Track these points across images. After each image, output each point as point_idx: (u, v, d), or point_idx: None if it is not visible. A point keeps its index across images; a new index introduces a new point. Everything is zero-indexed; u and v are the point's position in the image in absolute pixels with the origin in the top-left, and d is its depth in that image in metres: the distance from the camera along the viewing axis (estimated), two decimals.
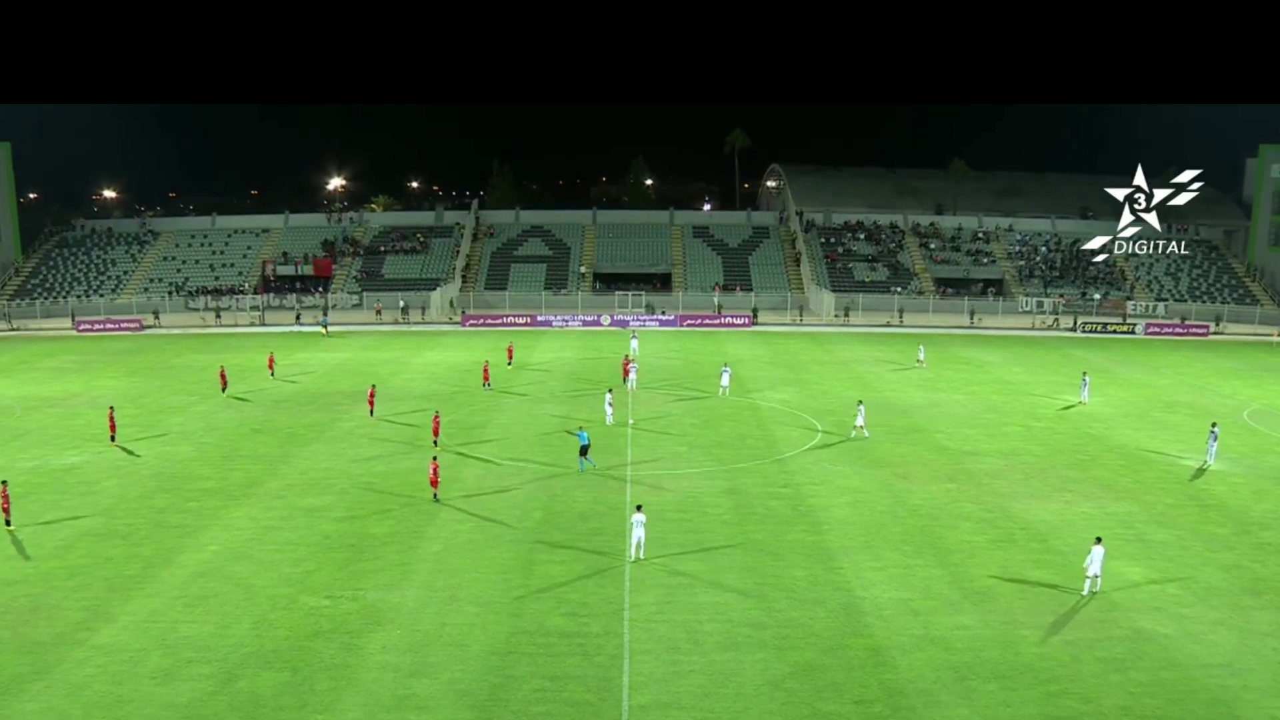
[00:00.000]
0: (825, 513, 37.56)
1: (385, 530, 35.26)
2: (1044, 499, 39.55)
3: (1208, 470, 44.40)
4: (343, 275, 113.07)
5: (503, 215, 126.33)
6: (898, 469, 43.81)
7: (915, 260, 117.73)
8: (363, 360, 73.48)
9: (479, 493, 39.59)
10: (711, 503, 38.61)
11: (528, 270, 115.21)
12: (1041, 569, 31.94)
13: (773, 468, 43.83)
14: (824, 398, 59.70)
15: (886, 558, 32.87)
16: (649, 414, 54.27)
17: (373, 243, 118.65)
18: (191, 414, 54.53)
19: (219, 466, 43.82)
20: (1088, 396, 59.28)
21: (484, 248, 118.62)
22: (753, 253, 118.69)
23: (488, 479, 41.59)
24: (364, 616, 28.23)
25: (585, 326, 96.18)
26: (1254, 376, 71.40)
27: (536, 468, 43.38)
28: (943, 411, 56.05)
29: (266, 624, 27.79)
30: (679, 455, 45.81)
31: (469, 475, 42.28)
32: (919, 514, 37.56)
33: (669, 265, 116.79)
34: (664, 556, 32.66)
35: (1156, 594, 30.28)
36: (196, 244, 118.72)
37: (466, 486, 40.63)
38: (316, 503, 38.48)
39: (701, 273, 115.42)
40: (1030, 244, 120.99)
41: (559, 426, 51.21)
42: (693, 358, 76.02)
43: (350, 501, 38.64)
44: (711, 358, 75.66)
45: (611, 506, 37.90)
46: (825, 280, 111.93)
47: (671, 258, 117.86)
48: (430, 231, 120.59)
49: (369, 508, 37.83)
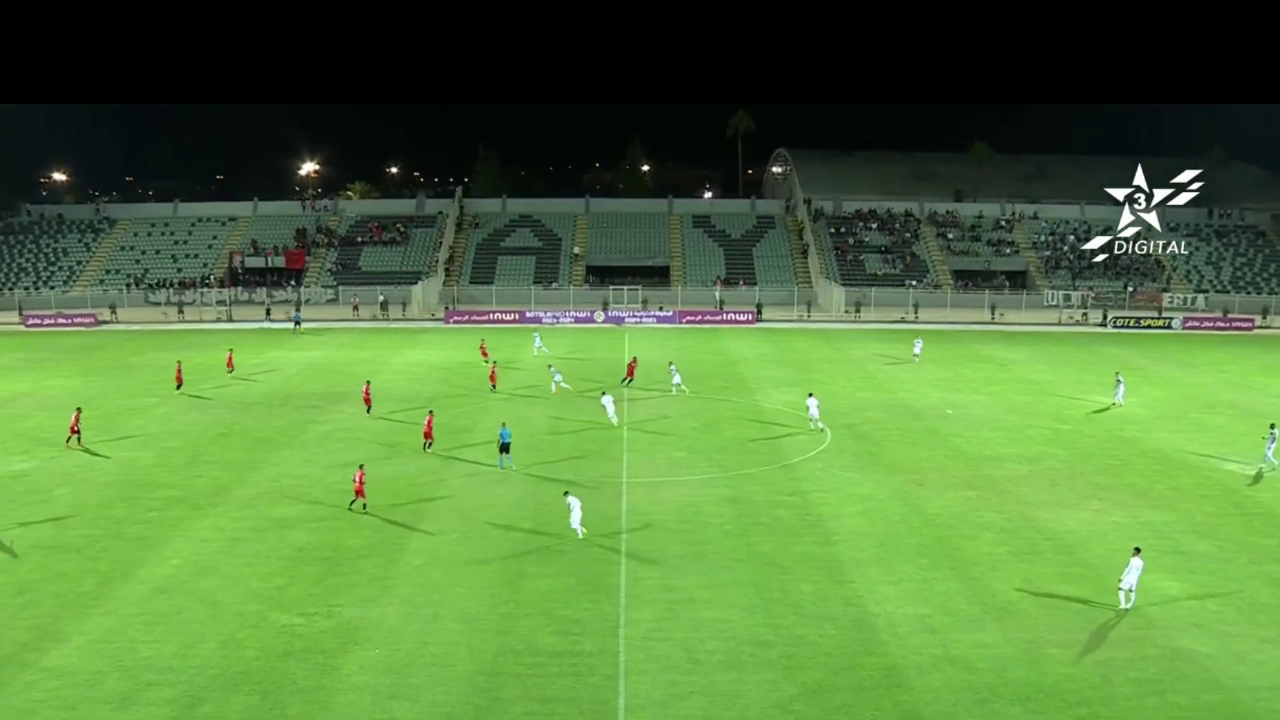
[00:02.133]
0: (835, 522, 37.51)
1: (363, 542, 35.17)
2: (1072, 507, 39.51)
3: (1265, 475, 44.40)
4: (317, 268, 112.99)
5: (489, 204, 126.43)
6: (912, 475, 43.78)
7: (932, 251, 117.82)
8: (339, 359, 73.40)
9: (465, 500, 39.51)
10: (713, 512, 38.56)
11: (516, 263, 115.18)
12: (1069, 583, 31.90)
13: (779, 474, 43.79)
14: (833, 399, 59.64)
15: (901, 571, 32.82)
16: (645, 417, 54.21)
17: (349, 233, 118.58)
18: (152, 416, 54.40)
19: (182, 473, 43.69)
20: (1123, 399, 59.01)
21: (469, 238, 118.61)
22: (757, 244, 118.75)
23: (474, 486, 41.52)
24: (340, 635, 28.13)
25: (577, 323, 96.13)
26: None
27: (525, 475, 43.30)
28: (960, 413, 56.03)
29: (234, 643, 27.68)
30: (678, 461, 45.76)
31: (454, 481, 42.20)
32: (936, 524, 37.52)
33: (667, 257, 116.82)
34: (663, 570, 32.61)
35: (1196, 610, 30.22)
36: (157, 233, 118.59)
37: (452, 493, 40.56)
38: (289, 513, 38.37)
39: (702, 265, 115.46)
40: (1058, 232, 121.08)
41: (550, 429, 51.14)
42: (693, 356, 75.91)
43: (325, 511, 38.53)
44: (713, 356, 75.64)
45: (605, 515, 37.82)
46: (835, 273, 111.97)
47: (670, 249, 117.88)
48: (411, 221, 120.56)
49: (345, 518, 37.73)
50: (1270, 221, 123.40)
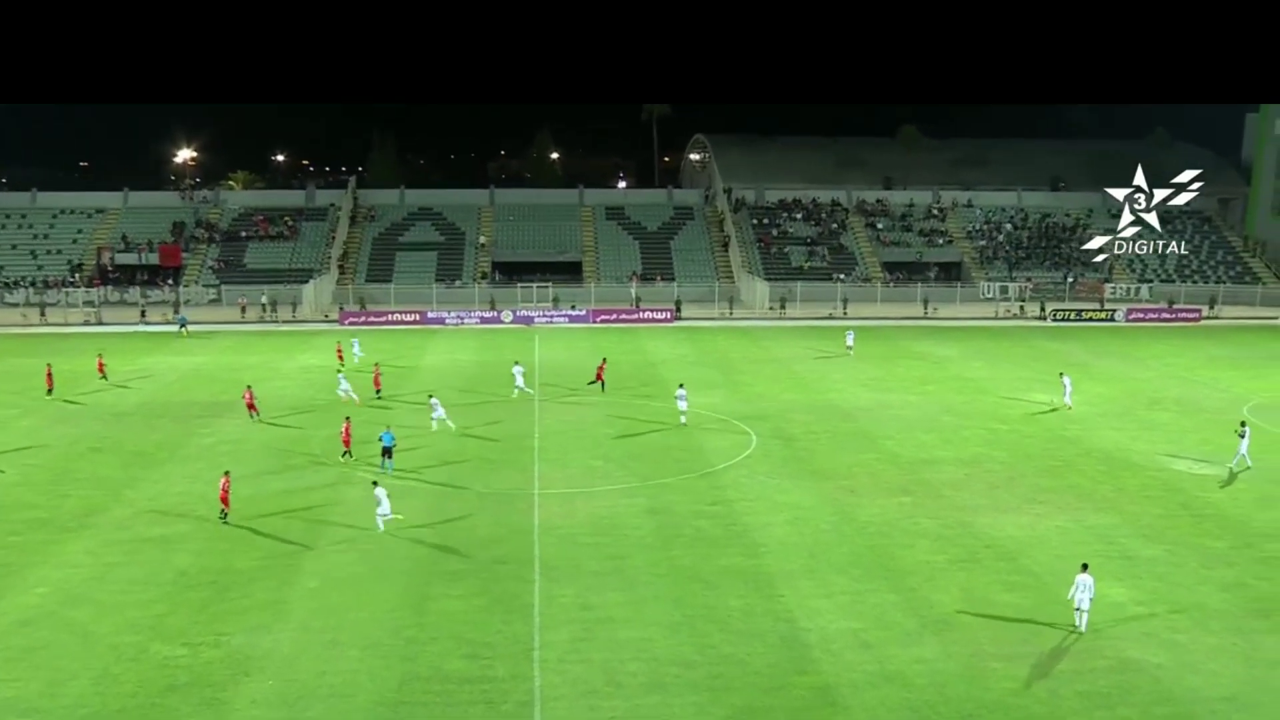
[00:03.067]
0: (762, 533, 37.82)
1: (253, 564, 34.69)
2: (1012, 512, 40.28)
3: (1237, 476, 45.47)
4: (196, 265, 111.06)
5: (385, 195, 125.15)
6: (843, 481, 44.31)
7: (860, 242, 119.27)
8: (224, 365, 72.23)
9: (365, 516, 39.14)
10: (632, 524, 38.65)
11: (416, 259, 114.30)
12: (1011, 592, 32.51)
13: (701, 482, 44.02)
14: (758, 401, 60.14)
15: (833, 583, 33.20)
16: (557, 424, 54.17)
17: (232, 226, 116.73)
18: (13, 430, 53.04)
19: (49, 492, 42.67)
20: (1070, 400, 59.03)
21: (364, 233, 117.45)
22: (675, 237, 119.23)
23: (372, 501, 41.05)
24: (229, 666, 27.71)
25: (484, 324, 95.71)
26: (1254, 366, 73.56)
27: (430, 487, 43.04)
28: (893, 414, 56.83)
29: (110, 679, 27.12)
30: (593, 470, 45.80)
31: (352, 497, 41.78)
32: (869, 532, 38.01)
33: (579, 252, 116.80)
34: (579, 587, 32.61)
35: (1145, 618, 30.94)
36: (13, 225, 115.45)
37: (350, 509, 40.16)
38: (170, 533, 37.69)
39: (616, 260, 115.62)
40: (993, 221, 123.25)
41: (455, 439, 50.86)
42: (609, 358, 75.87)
43: (211, 531, 37.92)
44: (630, 358, 75.79)
45: (517, 530, 37.74)
46: (758, 267, 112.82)
47: (582, 243, 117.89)
48: (300, 214, 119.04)
49: (233, 538, 37.16)
50: (1217, 206, 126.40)
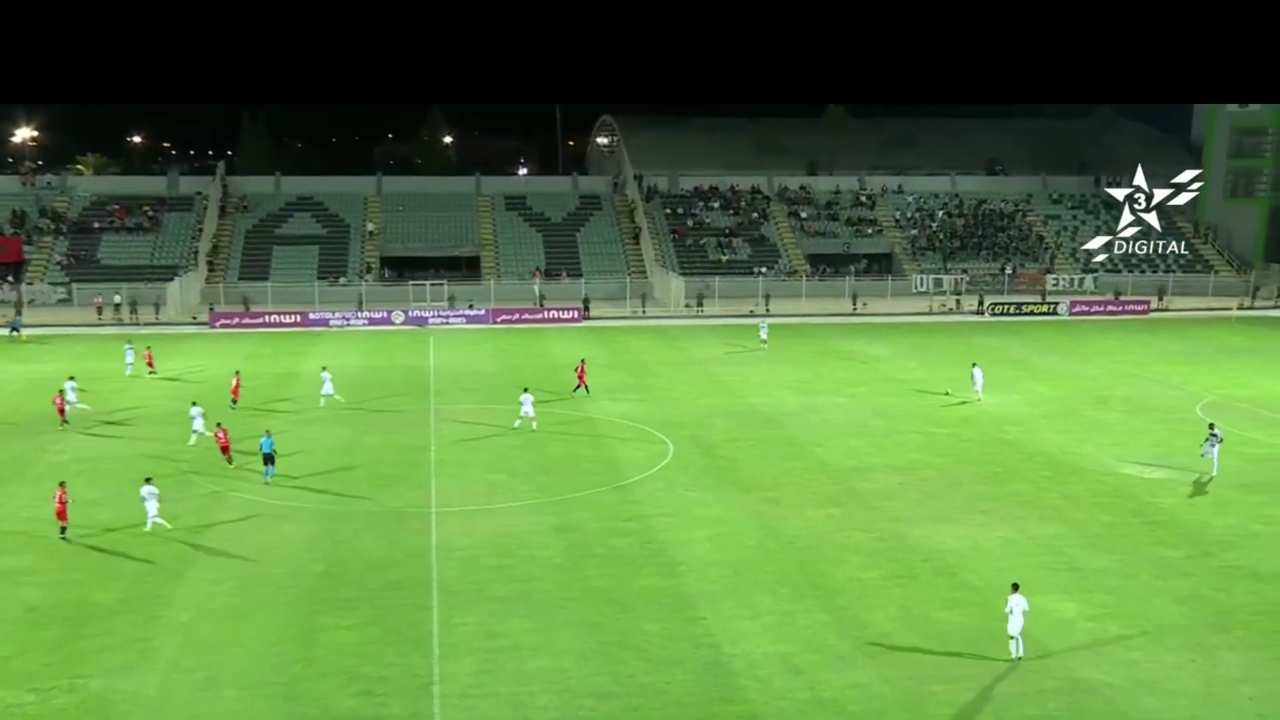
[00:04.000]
0: (681, 550, 37.86)
1: (114, 597, 33.93)
2: (951, 523, 40.77)
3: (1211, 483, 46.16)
4: (42, 260, 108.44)
5: (259, 182, 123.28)
6: (768, 492, 44.56)
7: (783, 233, 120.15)
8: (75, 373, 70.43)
9: (242, 541, 38.50)
10: (539, 543, 38.51)
11: (295, 254, 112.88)
12: (951, 609, 32.86)
13: (614, 497, 44.02)
14: (674, 406, 60.29)
15: (759, 603, 33.30)
16: (455, 435, 53.82)
17: (82, 217, 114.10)
18: None
19: None
20: (982, 391, 61.40)
21: (236, 225, 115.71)
22: (581, 228, 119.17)
23: (250, 524, 40.55)
24: (86, 712, 27.05)
25: (372, 325, 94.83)
26: (1208, 361, 75.37)
27: (315, 508, 42.50)
28: (821, 419, 57.30)
29: None
30: (495, 485, 45.58)
31: (228, 517, 41.12)
32: (796, 547, 38.24)
33: (476, 246, 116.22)
34: (482, 614, 32.37)
35: (1096, 634, 31.39)
36: None
37: (225, 532, 39.49)
38: (15, 564, 36.73)
39: (518, 255, 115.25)
40: (926, 208, 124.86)
41: (343, 452, 50.30)
42: (510, 362, 75.71)
43: (65, 561, 37.04)
44: (534, 361, 75.55)
45: (412, 553, 37.40)
46: (673, 261, 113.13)
47: (479, 236, 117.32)
48: (162, 203, 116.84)
49: (91, 567, 36.33)
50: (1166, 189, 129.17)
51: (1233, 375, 70.09)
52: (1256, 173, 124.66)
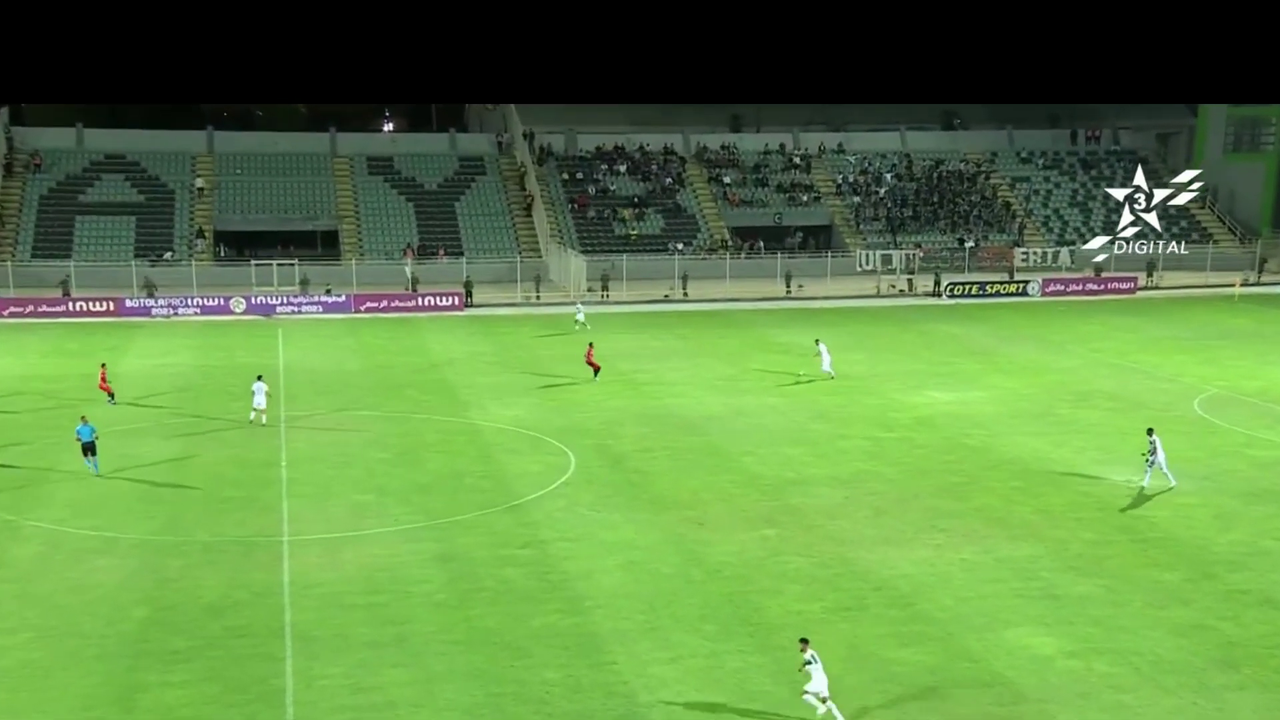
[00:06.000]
0: (586, 582, 37.68)
1: None
2: (905, 544, 40.94)
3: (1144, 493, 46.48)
4: None
5: (55, 135, 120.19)
6: (690, 511, 44.54)
7: (703, 202, 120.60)
8: None
9: (43, 581, 37.74)
10: (416, 577, 38.17)
11: (106, 227, 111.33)
12: (908, 646, 32.95)
13: (505, 519, 43.82)
14: (576, 410, 60.20)
15: (681, 643, 33.19)
16: (311, 448, 53.34)
17: None
18: None
19: None
20: (830, 367, 65.13)
21: (25, 189, 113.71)
22: (461, 197, 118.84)
23: (54, 560, 39.74)
24: None
25: (206, 314, 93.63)
26: (1206, 348, 76.68)
27: (137, 538, 41.77)
28: (751, 424, 57.50)
29: None
30: (362, 507, 45.22)
31: (21, 556, 40.27)
32: (724, 576, 38.19)
33: (334, 218, 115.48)
34: (347, 664, 31.96)
35: (1080, 674, 31.51)
36: None
37: (20, 572, 38.67)
38: None
39: (385, 229, 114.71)
40: (871, 170, 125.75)
41: (172, 469, 49.58)
42: (379, 359, 75.14)
43: None
44: (407, 358, 75.09)
45: (259, 591, 36.85)
46: (572, 237, 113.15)
47: (337, 206, 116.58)
48: None
49: None
50: (1155, 145, 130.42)
51: (1236, 364, 71.23)
52: (1263, 123, 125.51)
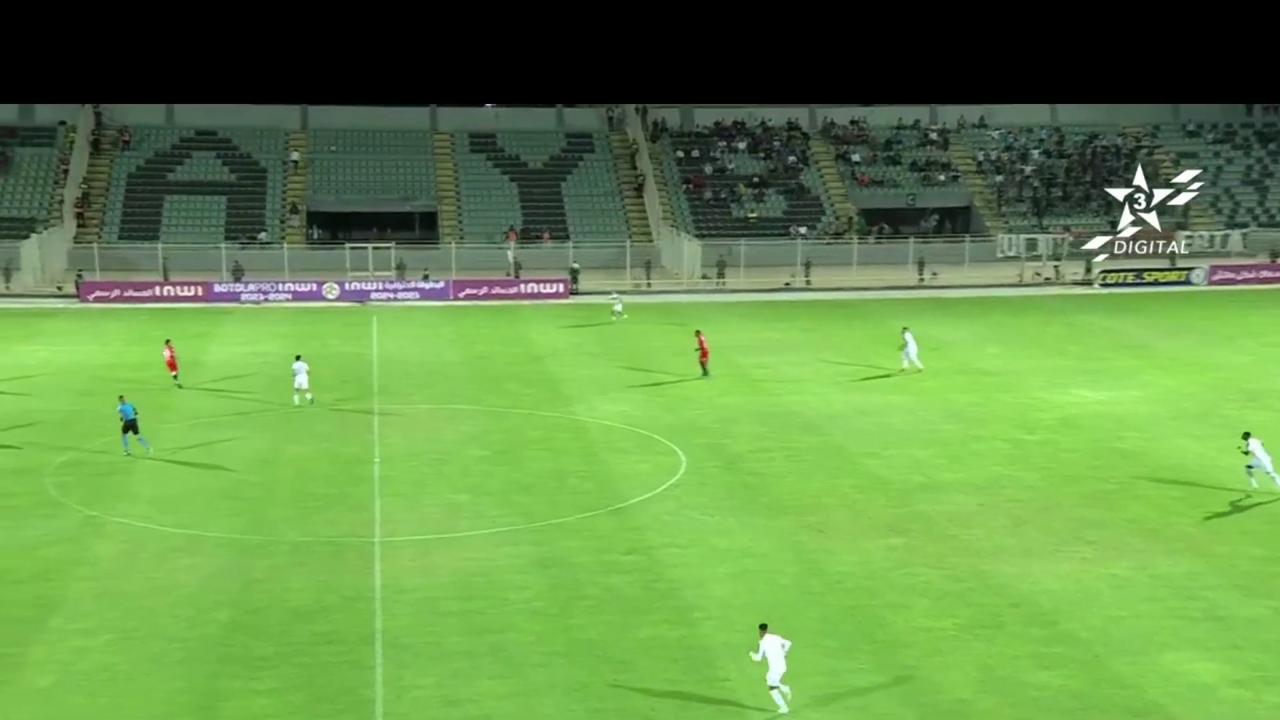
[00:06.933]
0: (696, 591, 37.71)
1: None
2: (1047, 557, 40.51)
3: None
4: None
5: (145, 112, 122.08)
6: (809, 517, 44.44)
7: (829, 182, 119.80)
8: None
9: (124, 580, 38.46)
10: (514, 583, 38.43)
11: (195, 206, 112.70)
12: (1050, 669, 32.57)
13: (610, 522, 44.00)
14: (687, 407, 60.26)
15: (797, 659, 32.97)
16: (406, 443, 53.84)
17: None
18: None
19: None
20: (917, 359, 64.93)
21: (114, 167, 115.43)
22: (568, 176, 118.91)
23: (136, 559, 40.50)
24: None
25: (298, 301, 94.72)
26: None
27: (222, 537, 42.45)
28: (877, 423, 57.20)
29: None
30: (458, 508, 45.58)
31: (104, 554, 41.08)
32: (845, 588, 38.08)
33: (433, 199, 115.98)
34: (440, 674, 32.31)
35: (1247, 705, 30.80)
36: None
37: (103, 569, 39.43)
38: None
39: (487, 210, 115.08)
40: (1016, 146, 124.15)
41: (260, 465, 50.32)
42: (478, 349, 75.64)
43: None
44: (507, 349, 75.46)
45: (349, 596, 37.28)
46: (686, 220, 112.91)
47: (437, 186, 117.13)
48: (13, 135, 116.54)
49: None
50: None
51: None
52: None
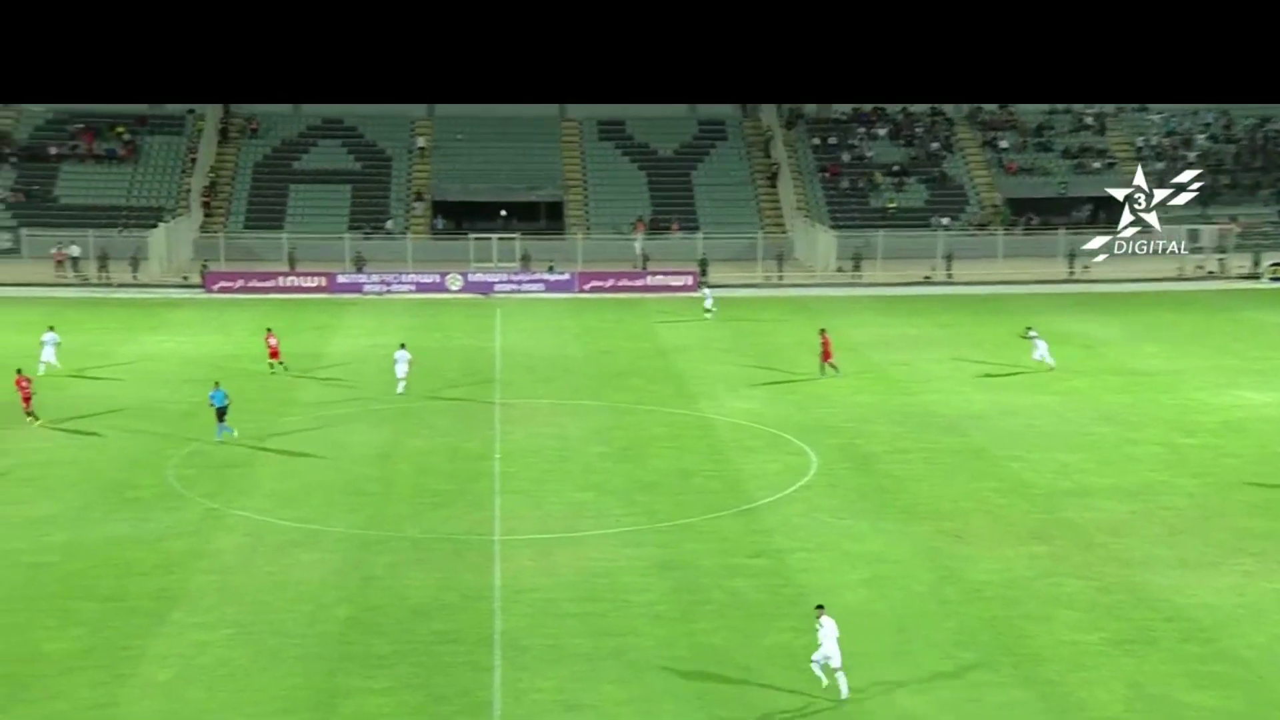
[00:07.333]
0: (827, 598, 37.26)
1: (70, 647, 34.37)
2: (1206, 569, 39.93)
3: None
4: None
5: None
6: (947, 522, 44.19)
7: (974, 170, 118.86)
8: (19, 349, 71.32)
9: (244, 574, 39.00)
10: (637, 585, 38.53)
11: (320, 196, 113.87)
12: (1207, 689, 32.11)
13: (736, 524, 43.99)
14: (819, 405, 60.06)
15: (932, 671, 32.90)
16: (528, 439, 54.13)
17: (35, 139, 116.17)
18: None
19: None
20: (1049, 355, 64.88)
21: (241, 155, 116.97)
22: (699, 165, 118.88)
23: (256, 553, 41.07)
24: None
25: (421, 292, 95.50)
26: None
27: (341, 532, 42.93)
28: (1022, 425, 56.73)
29: None
30: (581, 507, 45.79)
31: (225, 547, 41.67)
32: (985, 597, 37.85)
33: (559, 188, 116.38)
34: (560, 677, 32.42)
35: None
36: None
37: (223, 563, 40.05)
38: None
39: (615, 200, 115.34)
40: (1178, 132, 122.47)
41: (379, 460, 50.79)
42: (602, 344, 75.97)
43: (2, 598, 37.78)
44: (633, 344, 75.55)
45: (468, 595, 37.55)
46: (821, 210, 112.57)
47: (564, 175, 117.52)
48: (142, 124, 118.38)
49: (39, 607, 36.97)
50: None
51: None
52: None
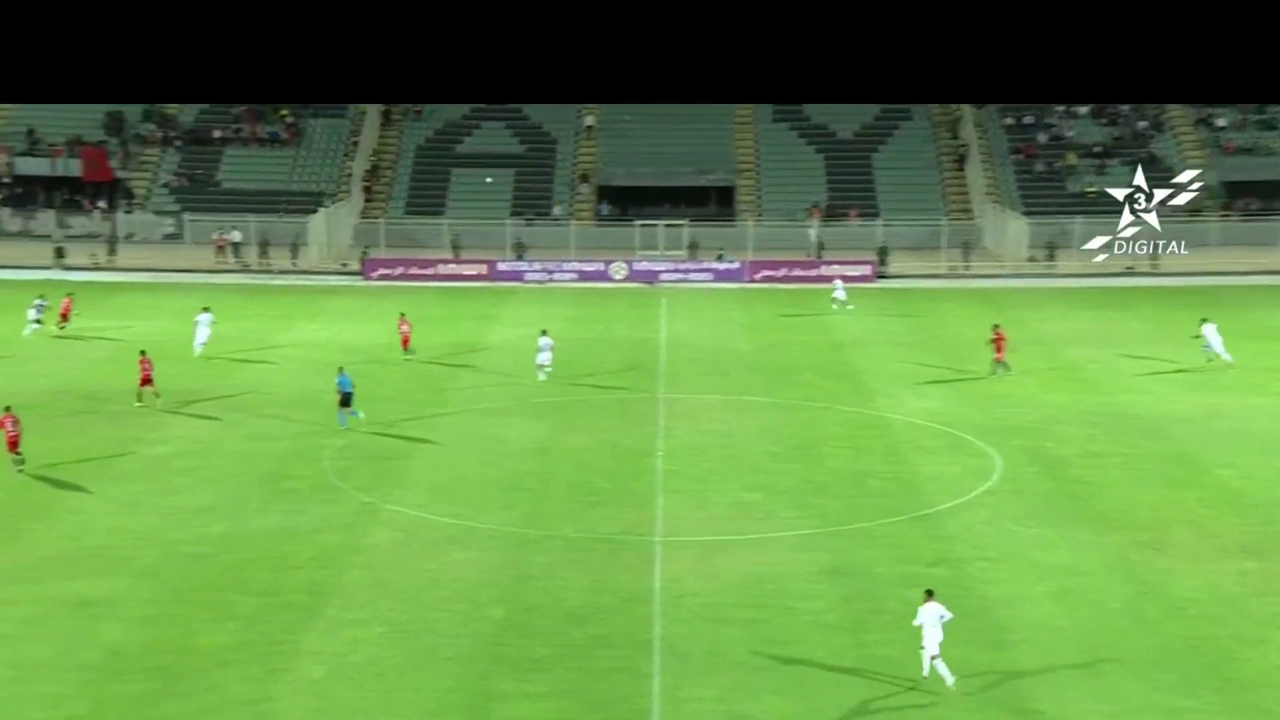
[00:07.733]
0: (1010, 611, 37.21)
1: (224, 641, 34.88)
2: None
3: None
4: (144, 180, 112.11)
5: None
6: (1145, 533, 43.49)
7: (1186, 149, 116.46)
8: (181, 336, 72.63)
9: (398, 571, 39.37)
10: (805, 592, 38.39)
11: (481, 181, 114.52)
12: None
13: (914, 530, 43.76)
14: (1004, 405, 59.55)
15: (1127, 694, 32.42)
16: (693, 436, 54.09)
17: (198, 123, 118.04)
18: None
19: None
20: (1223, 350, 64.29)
21: (403, 138, 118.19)
22: (880, 148, 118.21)
23: (410, 549, 41.48)
24: None
25: (584, 281, 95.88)
26: None
27: (496, 530, 43.16)
28: (1232, 429, 55.76)
29: None
30: (747, 508, 45.71)
31: (379, 543, 42.09)
32: (1188, 615, 37.18)
33: (731, 173, 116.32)
34: (721, 686, 32.29)
35: None
36: None
37: (377, 559, 40.46)
38: (95, 591, 38.12)
39: (789, 185, 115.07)
40: None
41: (537, 455, 50.98)
42: (773, 337, 75.73)
43: (160, 589, 38.38)
44: (806, 337, 75.27)
45: (626, 598, 37.60)
46: (1013, 195, 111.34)
47: (736, 159, 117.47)
48: (305, 107, 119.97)
49: (194, 600, 37.51)
50: None
51: None
52: None
